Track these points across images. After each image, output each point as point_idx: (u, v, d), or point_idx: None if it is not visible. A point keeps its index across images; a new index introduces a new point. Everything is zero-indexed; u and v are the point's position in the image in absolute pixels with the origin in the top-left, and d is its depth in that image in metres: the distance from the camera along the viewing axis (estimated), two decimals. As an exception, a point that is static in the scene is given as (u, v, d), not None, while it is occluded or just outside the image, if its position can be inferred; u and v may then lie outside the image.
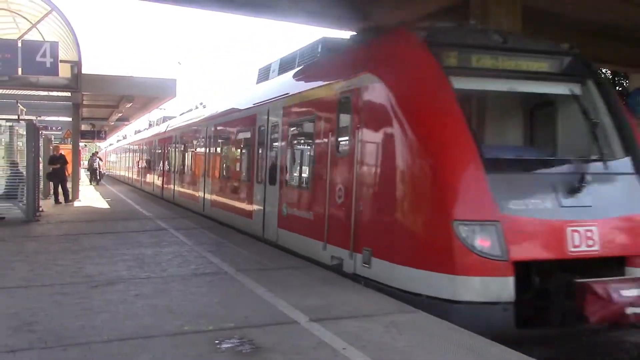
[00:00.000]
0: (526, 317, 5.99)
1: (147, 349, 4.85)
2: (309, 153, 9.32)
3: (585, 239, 6.15)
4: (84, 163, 47.69)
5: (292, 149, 10.05)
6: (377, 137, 7.15)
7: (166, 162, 22.41)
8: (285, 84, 10.99)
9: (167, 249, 10.11)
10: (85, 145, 60.12)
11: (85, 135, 39.22)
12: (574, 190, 6.37)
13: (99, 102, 27.44)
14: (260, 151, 11.45)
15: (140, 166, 29.41)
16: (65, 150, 31.28)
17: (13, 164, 15.44)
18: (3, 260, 9.08)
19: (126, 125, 41.83)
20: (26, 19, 19.23)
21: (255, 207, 11.63)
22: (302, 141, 9.96)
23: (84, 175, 36.56)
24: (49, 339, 5.07)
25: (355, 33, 19.87)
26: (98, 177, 35.75)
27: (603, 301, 5.68)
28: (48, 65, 14.64)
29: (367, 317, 5.88)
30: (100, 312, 5.97)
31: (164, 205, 19.85)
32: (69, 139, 26.48)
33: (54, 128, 31.68)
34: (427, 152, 6.43)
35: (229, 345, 4.94)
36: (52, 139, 30.39)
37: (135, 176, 30.68)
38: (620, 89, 28.17)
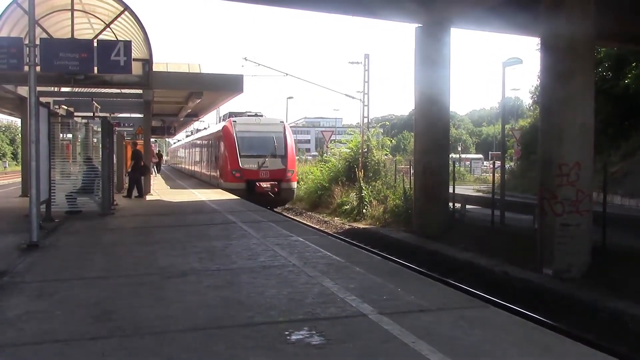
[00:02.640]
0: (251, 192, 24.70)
1: (220, 338, 4.98)
2: (215, 153, 28.84)
3: (265, 175, 25.07)
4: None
5: (212, 152, 30.14)
6: (221, 147, 26.68)
7: (189, 156, 43.80)
8: (217, 126, 30.56)
9: (235, 242, 10.33)
10: (156, 141, 62.01)
11: (155, 131, 40.37)
12: (264, 161, 25.11)
13: (168, 99, 28.14)
14: (210, 152, 30.38)
15: (183, 159, 50.54)
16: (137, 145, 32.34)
17: (88, 160, 16.09)
18: (82, 252, 9.51)
19: (195, 121, 42.73)
20: (100, 19, 19.90)
21: (211, 172, 30.10)
22: (214, 149, 29.20)
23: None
24: (127, 327, 5.28)
25: (420, 25, 19.65)
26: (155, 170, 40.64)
27: (259, 187, 24.61)
28: (122, 63, 15.05)
29: (436, 310, 5.84)
30: (174, 303, 6.16)
31: (232, 199, 20.28)
32: (141, 135, 27.33)
33: (126, 124, 32.78)
34: (226, 151, 25.68)
35: (299, 337, 5.00)
36: (125, 135, 31.43)
37: (183, 166, 50.03)
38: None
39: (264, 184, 24.86)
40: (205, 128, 41.37)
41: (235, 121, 26.45)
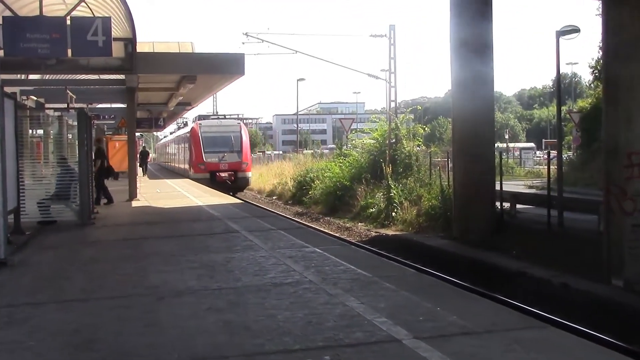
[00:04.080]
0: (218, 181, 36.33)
1: (224, 371, 4.98)
2: (187, 149, 41.85)
3: (224, 166, 36.94)
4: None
5: (184, 149, 44.34)
6: (190, 145, 39.53)
7: (171, 153, 56.39)
8: (187, 128, 44.73)
9: (240, 255, 10.36)
10: (142, 135, 62.51)
11: (141, 123, 40.73)
12: (223, 156, 37.10)
13: (155, 85, 28.27)
14: (183, 149, 45.05)
15: (168, 156, 61.79)
16: (120, 141, 32.64)
17: (63, 160, 16.10)
18: (58, 270, 9.58)
19: (188, 110, 43.05)
20: (73, -8, 20.02)
21: (185, 166, 43.19)
22: (185, 146, 43.30)
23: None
24: (113, 359, 5.30)
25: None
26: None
27: (219, 177, 36.33)
28: (100, 44, 15.14)
29: (484, 333, 5.80)
30: (168, 328, 6.18)
31: (233, 203, 20.32)
32: (124, 129, 27.49)
33: (106, 117, 33.06)
34: (193, 147, 38.31)
35: (319, 368, 4.99)
36: (105, 128, 31.67)
37: (168, 164, 60.53)
38: None
39: (223, 174, 36.77)
40: (185, 126, 56.17)
41: (201, 123, 40.04)
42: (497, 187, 19.75)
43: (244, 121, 50.85)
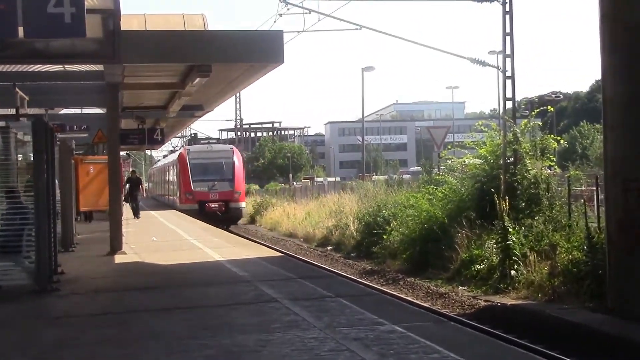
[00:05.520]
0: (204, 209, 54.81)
1: None
2: (174, 178, 63.55)
3: (214, 196, 54.08)
4: None
5: (170, 176, 68.27)
6: (177, 173, 59.85)
7: (157, 181, 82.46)
8: (174, 155, 68.90)
9: (280, 337, 10.37)
10: (129, 154, 63.58)
11: (128, 137, 40.72)
12: (213, 184, 54.71)
13: (149, 79, 28.49)
14: (172, 175, 66.58)
15: (156, 184, 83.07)
16: (95, 164, 33.02)
17: (10, 193, 16.16)
18: (4, 361, 9.62)
19: (199, 117, 43.17)
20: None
21: (171, 196, 65.32)
22: (172, 174, 66.08)
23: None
24: None
25: None
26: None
27: (208, 207, 53.08)
28: (67, 19, 15.10)
29: None
30: None
31: (266, 257, 20.36)
32: (103, 147, 27.73)
33: (75, 127, 33.39)
34: (181, 175, 56.88)
35: None
36: (74, 145, 32.00)
37: (159, 193, 78.96)
38: None
39: (213, 205, 50.93)
40: (172, 152, 76.44)
41: (189, 149, 56.24)
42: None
43: (282, 132, 56.11)
